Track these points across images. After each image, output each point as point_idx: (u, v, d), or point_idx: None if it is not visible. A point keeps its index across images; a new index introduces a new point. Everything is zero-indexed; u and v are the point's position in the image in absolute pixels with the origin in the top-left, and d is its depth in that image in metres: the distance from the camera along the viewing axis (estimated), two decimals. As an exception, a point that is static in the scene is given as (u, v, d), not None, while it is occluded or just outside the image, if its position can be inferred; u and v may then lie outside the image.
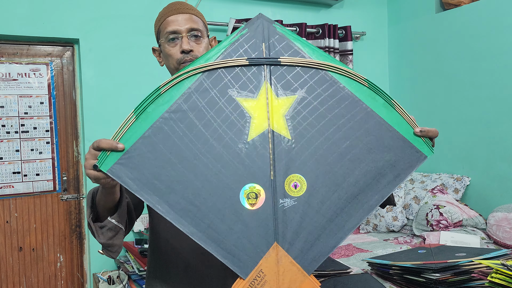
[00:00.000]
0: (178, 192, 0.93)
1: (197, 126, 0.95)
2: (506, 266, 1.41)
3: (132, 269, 2.46)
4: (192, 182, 0.94)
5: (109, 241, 1.08)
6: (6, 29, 2.54)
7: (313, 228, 0.96)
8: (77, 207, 2.82)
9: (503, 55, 2.84)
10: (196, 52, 1.20)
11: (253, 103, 0.97)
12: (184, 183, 0.93)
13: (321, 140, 0.98)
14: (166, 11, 1.26)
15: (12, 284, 2.64)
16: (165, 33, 1.22)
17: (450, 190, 3.03)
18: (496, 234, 2.56)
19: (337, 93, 0.99)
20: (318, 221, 0.97)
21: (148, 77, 2.84)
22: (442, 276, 1.78)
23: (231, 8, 3.15)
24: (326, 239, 0.96)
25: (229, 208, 0.94)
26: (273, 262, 0.94)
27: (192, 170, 0.94)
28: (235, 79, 0.97)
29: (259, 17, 1.00)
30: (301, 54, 0.99)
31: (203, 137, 0.95)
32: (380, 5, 3.74)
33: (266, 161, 0.95)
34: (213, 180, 0.94)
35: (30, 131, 2.69)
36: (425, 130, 1.00)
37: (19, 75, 2.66)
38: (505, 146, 2.85)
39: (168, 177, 0.93)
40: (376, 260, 2.13)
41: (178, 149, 0.94)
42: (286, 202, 0.96)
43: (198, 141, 0.94)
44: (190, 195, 0.93)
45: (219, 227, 0.94)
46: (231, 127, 0.95)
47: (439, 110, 3.32)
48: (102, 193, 1.03)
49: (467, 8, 3.08)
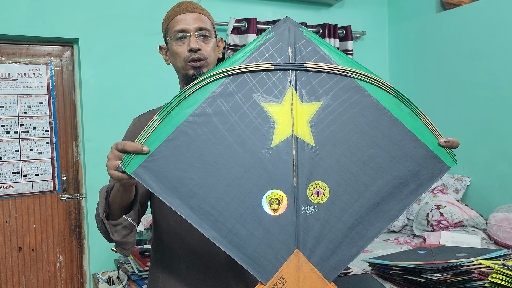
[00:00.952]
0: (200, 196, 0.93)
1: (220, 130, 0.94)
2: (506, 266, 1.41)
3: (131, 270, 2.46)
4: (214, 186, 0.94)
5: (124, 239, 1.10)
6: (6, 29, 2.53)
7: (334, 235, 0.96)
8: (77, 207, 2.82)
9: (503, 55, 2.84)
10: (204, 51, 1.21)
11: (278, 109, 0.96)
12: (207, 188, 0.94)
13: (345, 147, 0.98)
14: (175, 10, 1.25)
15: (11, 284, 2.64)
16: (173, 32, 1.22)
17: (450, 190, 3.02)
18: (497, 234, 2.56)
19: (362, 100, 0.99)
20: (339, 229, 0.97)
21: (148, 77, 2.84)
22: (442, 276, 1.78)
23: (231, 8, 3.14)
24: (347, 247, 0.97)
25: (251, 214, 0.94)
26: (293, 269, 0.94)
27: (214, 174, 0.94)
28: (260, 84, 0.96)
29: (286, 20, 0.99)
30: (327, 60, 0.98)
31: (226, 142, 0.94)
32: (380, 5, 3.74)
33: (289, 167, 0.95)
34: (235, 185, 0.94)
35: (30, 131, 2.69)
36: (449, 141, 0.99)
37: (18, 75, 2.66)
38: (506, 146, 2.85)
39: (190, 181, 0.93)
40: (377, 261, 2.12)
41: (201, 153, 0.94)
42: (308, 209, 0.96)
43: (221, 145, 0.94)
44: (212, 199, 0.93)
45: (241, 232, 0.94)
46: (255, 132, 0.95)
47: (439, 110, 3.31)
48: (119, 192, 1.04)
49: (467, 8, 3.07)
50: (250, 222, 0.94)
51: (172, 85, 2.92)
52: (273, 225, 0.94)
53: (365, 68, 1.00)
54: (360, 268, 2.25)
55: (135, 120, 1.31)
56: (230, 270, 1.24)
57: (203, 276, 1.23)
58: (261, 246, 0.94)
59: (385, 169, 0.98)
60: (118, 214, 1.10)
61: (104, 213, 1.08)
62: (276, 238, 0.94)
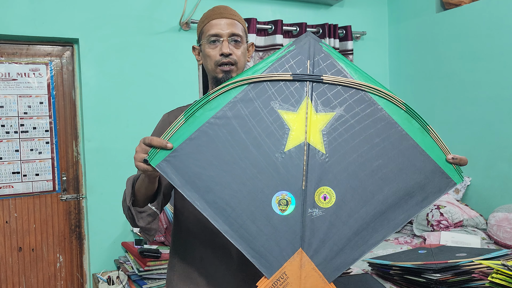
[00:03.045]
0: (216, 192, 1.01)
1: (239, 133, 1.03)
2: (506, 266, 1.41)
3: (131, 270, 2.46)
4: (229, 184, 1.02)
5: (148, 225, 1.20)
6: (6, 29, 2.53)
7: (338, 238, 1.02)
8: (77, 207, 2.82)
9: (503, 55, 2.84)
10: (235, 56, 1.28)
11: (293, 116, 1.04)
12: (222, 184, 1.02)
13: (354, 156, 1.04)
14: (210, 14, 1.33)
15: (11, 284, 2.64)
16: (207, 35, 1.30)
17: (450, 190, 3.02)
18: (497, 234, 2.56)
19: (375, 113, 1.05)
20: (344, 232, 1.03)
21: (148, 77, 2.84)
22: (442, 276, 1.78)
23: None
24: (350, 250, 1.02)
25: (261, 212, 1.02)
26: (296, 266, 1.01)
27: (230, 173, 1.02)
28: (279, 92, 1.04)
29: (307, 35, 1.07)
30: (343, 73, 1.04)
31: (243, 144, 1.02)
32: (380, 4, 3.74)
33: (299, 171, 1.02)
34: (249, 184, 1.02)
35: (30, 131, 2.69)
36: (457, 158, 1.04)
37: (18, 75, 2.66)
38: (506, 146, 2.85)
39: (208, 177, 1.01)
40: (377, 261, 2.12)
41: (219, 153, 1.02)
42: (314, 212, 1.03)
43: (238, 146, 1.02)
44: (226, 196, 1.01)
45: (250, 228, 1.01)
46: (270, 137, 1.03)
47: (439, 110, 3.31)
48: (144, 182, 1.13)
49: (467, 8, 3.07)
50: (260, 220, 1.01)
51: (173, 85, 2.93)
52: (281, 224, 1.01)
53: (379, 83, 1.05)
54: (360, 268, 2.25)
55: (164, 116, 1.39)
56: (239, 267, 1.30)
57: (215, 268, 1.30)
58: (268, 243, 1.01)
59: (393, 179, 1.03)
60: (143, 202, 1.19)
61: (130, 201, 1.17)
62: (283, 236, 1.01)
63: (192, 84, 2.99)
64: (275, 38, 3.14)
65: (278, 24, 3.13)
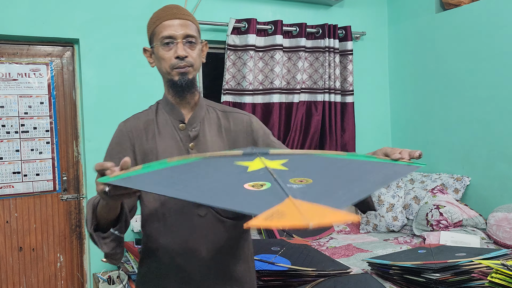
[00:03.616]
0: (182, 186, 0.95)
1: (199, 173, 1.01)
2: (506, 266, 1.41)
3: (132, 269, 2.46)
4: (201, 185, 0.96)
5: (112, 251, 1.12)
6: (6, 29, 2.54)
7: (323, 193, 0.94)
8: (77, 207, 2.82)
9: (503, 55, 2.84)
10: (190, 58, 1.25)
11: (249, 163, 1.07)
12: (193, 185, 0.97)
13: (315, 172, 1.06)
14: (162, 15, 1.26)
15: (12, 284, 2.64)
16: (161, 37, 1.24)
17: (450, 190, 3.03)
18: (496, 234, 2.56)
19: (319, 157, 1.15)
20: (327, 190, 0.96)
21: (148, 77, 2.84)
22: (442, 276, 1.78)
23: (231, 8, 3.15)
24: (346, 190, 0.95)
25: (236, 193, 0.91)
26: (290, 204, 0.84)
27: (199, 179, 0.98)
28: (234, 158, 1.10)
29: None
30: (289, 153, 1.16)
31: (205, 174, 1.01)
32: (380, 5, 3.74)
33: (268, 176, 0.98)
34: (219, 183, 0.97)
35: (30, 131, 2.69)
36: (401, 154, 1.07)
37: (19, 75, 2.66)
38: (505, 146, 2.85)
39: (178, 180, 0.96)
40: (376, 260, 2.13)
41: (182, 179, 0.98)
42: (293, 186, 0.95)
43: (203, 176, 1.00)
44: (200, 187, 0.95)
45: (224, 198, 0.91)
46: (230, 171, 1.03)
47: (439, 110, 3.32)
48: (105, 208, 1.07)
49: (467, 8, 3.08)
50: (237, 196, 0.91)
51: (172, 85, 2.93)
52: (259, 194, 0.90)
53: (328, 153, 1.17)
54: (360, 268, 2.25)
55: (120, 126, 1.34)
56: (212, 270, 1.27)
57: (188, 275, 1.26)
58: (251, 202, 0.88)
59: (359, 175, 1.06)
60: (106, 226, 1.12)
61: (92, 227, 1.10)
62: (264, 198, 0.89)
63: (192, 84, 2.99)
64: (275, 39, 3.14)
65: (278, 24, 3.14)
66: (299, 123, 3.30)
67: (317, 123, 3.36)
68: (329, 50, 3.34)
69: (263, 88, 3.20)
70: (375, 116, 3.74)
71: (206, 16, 3.02)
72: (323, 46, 3.33)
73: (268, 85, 3.20)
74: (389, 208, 3.03)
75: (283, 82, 3.25)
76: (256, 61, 3.17)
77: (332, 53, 3.36)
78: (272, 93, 3.19)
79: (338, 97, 3.43)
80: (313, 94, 3.37)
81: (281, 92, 3.22)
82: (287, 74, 3.29)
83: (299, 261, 2.03)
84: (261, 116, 3.21)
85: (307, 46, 3.34)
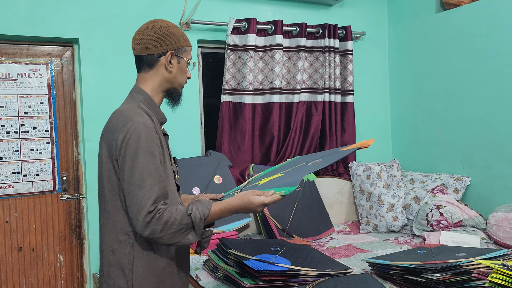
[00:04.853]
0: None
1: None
2: (506, 266, 1.41)
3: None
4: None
5: (207, 244, 1.49)
6: (6, 29, 2.53)
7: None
8: (77, 207, 2.82)
9: (503, 55, 2.84)
10: None
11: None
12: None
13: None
14: (187, 39, 1.55)
15: (12, 284, 2.64)
16: (189, 59, 1.53)
17: (450, 190, 3.02)
18: (496, 234, 2.56)
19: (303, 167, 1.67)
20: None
21: (148, 77, 2.84)
22: (442, 276, 1.78)
23: (231, 8, 3.15)
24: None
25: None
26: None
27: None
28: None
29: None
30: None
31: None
32: (380, 5, 3.74)
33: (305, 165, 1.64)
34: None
35: (30, 131, 2.69)
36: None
37: (19, 75, 2.66)
38: (505, 146, 2.85)
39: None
40: (376, 260, 2.13)
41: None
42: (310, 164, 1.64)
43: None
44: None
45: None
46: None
47: (439, 110, 3.32)
48: (224, 214, 1.41)
49: (467, 8, 3.08)
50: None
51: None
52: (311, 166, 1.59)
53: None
54: (360, 268, 2.25)
55: (143, 126, 1.37)
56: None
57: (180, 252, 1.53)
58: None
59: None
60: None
61: (200, 236, 1.39)
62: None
63: (192, 83, 2.99)
64: (275, 38, 3.14)
65: (278, 24, 3.14)
66: (299, 123, 3.30)
67: (317, 123, 3.36)
68: (329, 50, 3.34)
69: (263, 88, 3.20)
70: (375, 116, 3.74)
71: (206, 16, 3.02)
72: (323, 46, 3.32)
73: (268, 85, 3.20)
74: (389, 208, 3.03)
75: (283, 82, 3.25)
76: (256, 61, 3.17)
77: (332, 53, 3.36)
78: (272, 93, 3.19)
79: (338, 97, 3.43)
80: (313, 94, 3.37)
81: (281, 92, 3.22)
82: (287, 74, 3.28)
83: (299, 261, 2.03)
84: (261, 116, 3.21)
85: (307, 46, 3.33)
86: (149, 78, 1.52)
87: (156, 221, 1.29)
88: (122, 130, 1.35)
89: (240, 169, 3.10)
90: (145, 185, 1.31)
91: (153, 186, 1.31)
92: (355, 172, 3.34)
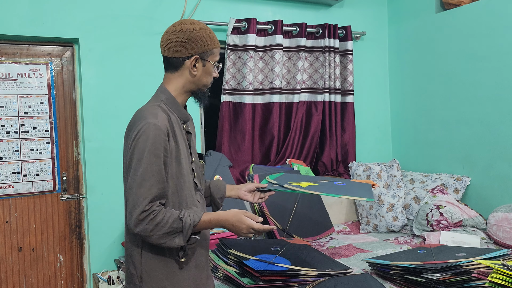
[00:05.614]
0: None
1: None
2: (506, 266, 1.41)
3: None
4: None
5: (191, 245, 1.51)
6: (6, 29, 2.53)
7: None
8: (77, 207, 2.82)
9: (503, 55, 2.84)
10: None
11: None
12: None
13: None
14: (216, 40, 1.53)
15: (12, 284, 2.64)
16: (216, 61, 1.53)
17: (450, 190, 3.02)
18: (497, 234, 2.56)
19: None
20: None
21: (148, 77, 2.84)
22: (442, 276, 1.78)
23: (231, 8, 3.14)
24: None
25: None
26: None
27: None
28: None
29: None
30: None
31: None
32: (380, 5, 3.74)
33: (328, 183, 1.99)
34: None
35: (30, 131, 2.69)
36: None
37: (19, 75, 2.66)
38: (505, 146, 2.85)
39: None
40: (376, 260, 2.13)
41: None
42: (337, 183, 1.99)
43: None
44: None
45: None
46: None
47: (439, 110, 3.32)
48: (211, 226, 1.47)
49: (467, 8, 3.08)
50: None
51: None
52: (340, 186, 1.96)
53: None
54: (360, 268, 2.25)
55: (153, 127, 1.39)
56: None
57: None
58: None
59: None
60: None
61: (185, 241, 1.41)
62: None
63: (192, 84, 2.99)
64: (275, 38, 3.14)
65: (278, 24, 3.14)
66: (299, 123, 3.30)
67: (317, 123, 3.36)
68: (329, 50, 3.33)
69: (263, 88, 3.20)
70: (375, 116, 3.74)
71: (206, 16, 3.02)
72: (323, 46, 3.32)
73: (268, 85, 3.20)
74: (389, 208, 3.03)
75: (283, 82, 3.25)
76: (256, 61, 3.17)
77: (332, 53, 3.36)
78: (272, 93, 3.19)
79: (338, 97, 3.43)
80: (313, 94, 3.37)
81: (281, 92, 3.22)
82: (287, 74, 3.29)
83: (299, 261, 2.03)
84: (261, 116, 3.21)
85: (307, 46, 3.33)
86: (174, 79, 1.54)
87: (148, 221, 1.35)
88: (135, 130, 1.41)
89: (240, 169, 3.11)
90: (145, 184, 1.36)
91: (152, 187, 1.37)
92: (355, 172, 3.34)
